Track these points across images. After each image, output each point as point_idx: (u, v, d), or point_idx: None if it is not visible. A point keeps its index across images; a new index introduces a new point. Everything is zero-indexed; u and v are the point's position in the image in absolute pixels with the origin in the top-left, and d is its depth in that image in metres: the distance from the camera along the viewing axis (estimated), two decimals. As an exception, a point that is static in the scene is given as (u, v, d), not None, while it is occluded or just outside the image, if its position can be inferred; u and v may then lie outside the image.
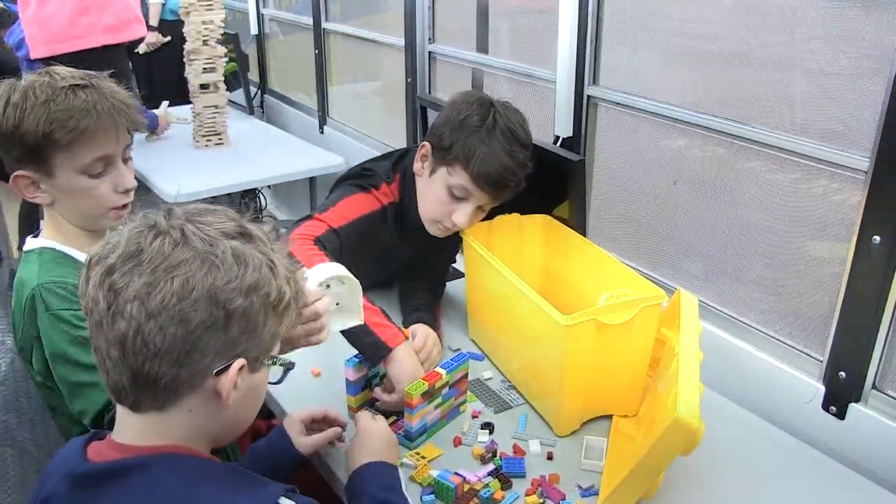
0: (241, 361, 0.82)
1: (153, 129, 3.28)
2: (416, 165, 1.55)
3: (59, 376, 1.19)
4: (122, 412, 0.85)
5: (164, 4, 4.70)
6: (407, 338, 1.40)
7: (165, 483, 0.79)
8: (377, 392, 1.39)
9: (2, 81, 1.19)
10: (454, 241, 1.62)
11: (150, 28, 4.22)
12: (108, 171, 1.23)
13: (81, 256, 1.25)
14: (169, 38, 4.57)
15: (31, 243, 1.27)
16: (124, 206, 1.27)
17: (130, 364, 0.78)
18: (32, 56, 2.89)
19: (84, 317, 1.15)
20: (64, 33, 2.79)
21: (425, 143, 1.52)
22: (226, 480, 0.83)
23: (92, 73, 1.23)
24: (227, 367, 0.81)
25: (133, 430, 0.84)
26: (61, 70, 1.21)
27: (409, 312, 1.67)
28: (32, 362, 1.22)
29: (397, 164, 1.62)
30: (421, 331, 1.51)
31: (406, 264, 1.77)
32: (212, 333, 0.78)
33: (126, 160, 1.27)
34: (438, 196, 1.49)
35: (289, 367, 0.91)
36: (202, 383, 0.81)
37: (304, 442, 1.23)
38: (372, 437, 1.20)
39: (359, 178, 1.60)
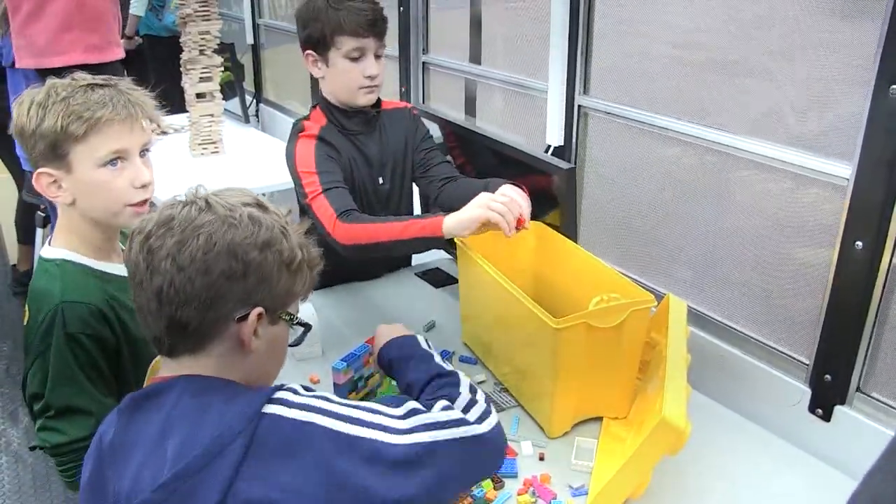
0: (259, 309, 0.92)
1: None
2: (315, 72, 1.75)
3: (57, 395, 1.19)
4: (163, 361, 0.97)
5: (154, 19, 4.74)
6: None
7: (183, 398, 0.90)
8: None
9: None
10: (404, 126, 1.84)
11: (125, 37, 4.23)
12: (125, 165, 1.25)
13: (100, 266, 1.27)
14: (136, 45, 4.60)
15: (48, 252, 1.27)
16: (142, 202, 1.28)
17: (166, 312, 0.90)
18: (18, 66, 2.91)
19: (98, 339, 1.21)
20: (47, 49, 2.81)
21: (307, 53, 1.73)
22: (226, 390, 0.92)
23: (113, 77, 1.26)
24: (246, 316, 0.91)
25: (168, 370, 0.95)
26: (84, 74, 1.25)
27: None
28: (29, 374, 1.21)
29: (314, 106, 1.82)
30: (501, 190, 1.47)
31: (383, 165, 1.83)
32: (231, 282, 0.90)
33: (144, 153, 1.28)
34: (344, 69, 1.71)
35: (307, 327, 1.01)
36: (226, 329, 0.92)
37: None
38: (385, 331, 1.28)
39: (292, 132, 1.78)
